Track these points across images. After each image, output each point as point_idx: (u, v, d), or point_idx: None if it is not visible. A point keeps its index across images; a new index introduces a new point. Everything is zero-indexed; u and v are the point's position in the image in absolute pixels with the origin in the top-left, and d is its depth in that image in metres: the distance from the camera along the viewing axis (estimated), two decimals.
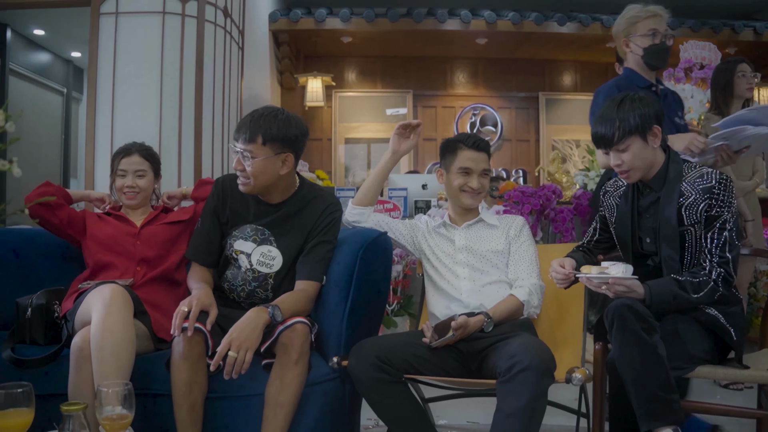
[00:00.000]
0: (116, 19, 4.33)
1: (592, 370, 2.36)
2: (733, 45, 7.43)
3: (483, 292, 2.56)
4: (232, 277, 2.50)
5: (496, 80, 8.52)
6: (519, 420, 1.96)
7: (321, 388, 2.28)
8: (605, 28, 7.23)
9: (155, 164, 2.92)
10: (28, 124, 7.15)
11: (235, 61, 5.15)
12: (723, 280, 2.18)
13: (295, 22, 7.05)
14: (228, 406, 2.23)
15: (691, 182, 2.26)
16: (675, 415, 1.99)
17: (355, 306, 2.35)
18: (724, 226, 2.21)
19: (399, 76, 8.38)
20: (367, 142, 8.31)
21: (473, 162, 2.63)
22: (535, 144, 8.49)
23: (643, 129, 2.25)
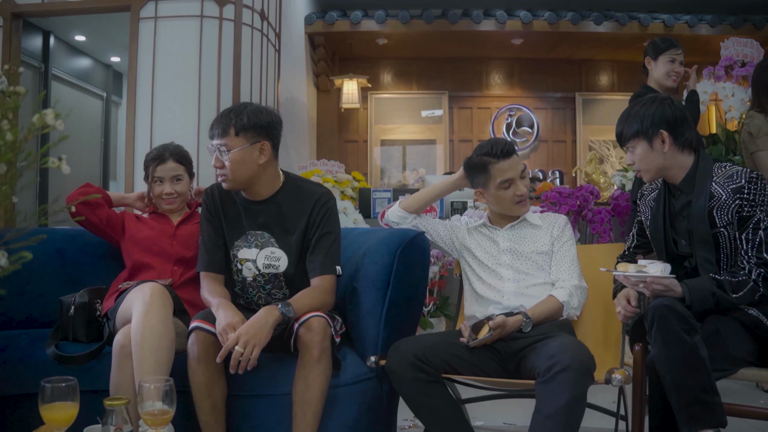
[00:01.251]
0: (155, 23, 4.41)
1: (631, 372, 2.33)
2: None
3: (526, 293, 2.53)
4: (242, 290, 2.50)
5: (532, 81, 8.47)
6: (558, 421, 1.94)
7: (358, 388, 2.29)
8: (642, 27, 7.17)
9: (189, 166, 2.89)
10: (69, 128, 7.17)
11: (272, 63, 5.20)
12: (763, 280, 2.14)
13: (330, 25, 7.10)
14: (261, 405, 2.26)
15: (720, 183, 2.24)
16: (717, 418, 1.94)
17: (392, 306, 2.35)
18: (758, 225, 2.17)
19: (434, 77, 8.38)
20: (402, 144, 8.32)
21: (511, 170, 2.55)
22: (571, 145, 8.42)
23: (646, 133, 2.29)
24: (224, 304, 2.25)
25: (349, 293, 2.48)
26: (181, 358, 2.22)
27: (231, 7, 4.50)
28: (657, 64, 3.59)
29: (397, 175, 8.20)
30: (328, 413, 2.21)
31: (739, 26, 7.16)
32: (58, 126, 1.14)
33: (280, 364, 2.26)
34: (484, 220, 2.74)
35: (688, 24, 7.16)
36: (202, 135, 4.32)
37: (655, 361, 2.07)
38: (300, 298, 2.28)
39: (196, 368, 2.16)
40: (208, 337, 2.18)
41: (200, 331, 2.19)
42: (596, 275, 2.74)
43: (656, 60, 3.59)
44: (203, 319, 2.22)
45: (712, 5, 7.67)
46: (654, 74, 3.61)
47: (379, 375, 2.32)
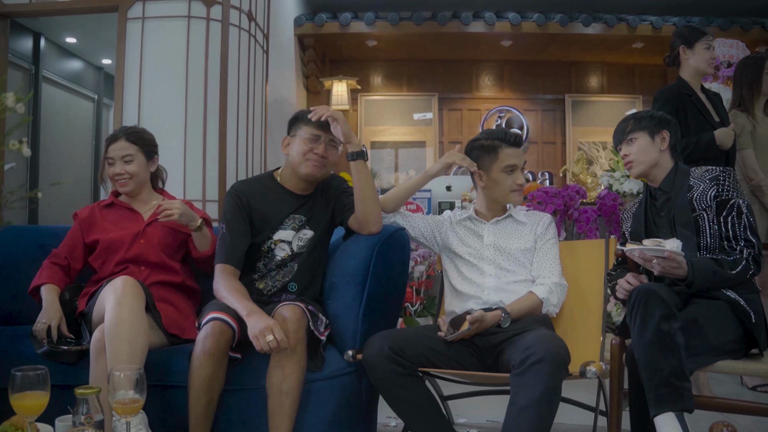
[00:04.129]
0: (142, 24, 4.41)
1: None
2: (763, 43, 7.32)
3: (507, 289, 2.55)
4: (261, 277, 2.55)
5: (522, 82, 8.49)
6: (533, 412, 1.96)
7: (337, 382, 2.31)
8: (631, 29, 7.19)
9: (145, 146, 2.78)
10: (61, 131, 7.28)
11: (260, 64, 5.20)
12: (753, 260, 2.31)
13: (320, 26, 7.11)
14: (243, 399, 2.26)
15: (697, 176, 2.45)
16: (684, 402, 1.99)
17: (371, 300, 2.37)
18: (741, 211, 2.34)
19: (425, 79, 8.39)
20: (393, 146, 8.33)
21: (516, 158, 2.62)
22: (561, 146, 8.44)
23: (652, 129, 2.55)
24: (256, 309, 2.26)
25: (328, 288, 2.50)
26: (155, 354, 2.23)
27: (218, 7, 4.50)
28: (694, 52, 3.49)
29: (388, 178, 8.20)
30: (306, 407, 2.23)
31: (727, 28, 7.20)
32: (18, 109, 1.14)
33: (260, 357, 2.27)
34: (470, 212, 2.75)
35: (677, 26, 7.16)
36: (188, 135, 4.33)
37: (632, 344, 2.13)
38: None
39: (204, 361, 2.16)
40: (225, 332, 2.20)
41: (219, 323, 2.20)
42: (579, 271, 2.77)
43: (692, 48, 3.49)
44: (222, 311, 2.24)
45: (700, 7, 7.71)
46: (692, 62, 3.50)
47: (358, 370, 2.33)
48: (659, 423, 1.98)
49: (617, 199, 4.49)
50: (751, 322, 2.24)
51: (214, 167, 4.40)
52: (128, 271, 2.57)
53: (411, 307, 4.33)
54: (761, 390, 3.75)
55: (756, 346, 2.28)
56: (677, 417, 1.96)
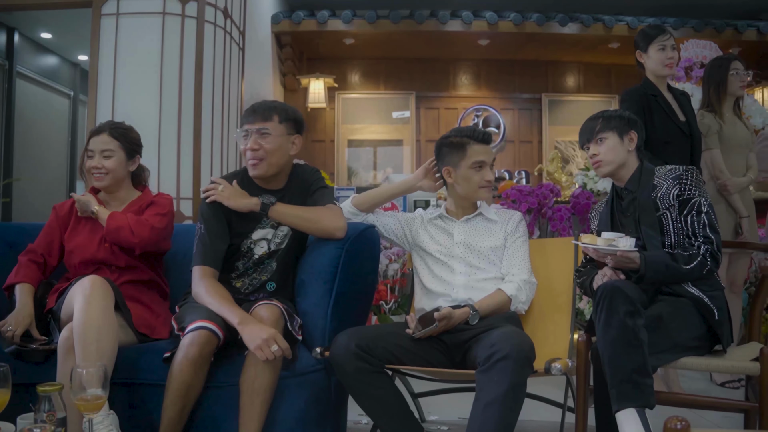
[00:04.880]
0: (117, 20, 4.39)
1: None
2: (736, 45, 7.42)
3: (477, 287, 2.57)
4: (244, 267, 2.53)
5: (499, 81, 8.52)
6: (498, 409, 1.97)
7: (306, 379, 2.31)
8: (607, 29, 7.25)
9: (127, 143, 2.71)
10: (36, 127, 7.22)
11: (236, 62, 5.19)
12: (711, 256, 2.33)
13: (297, 24, 7.10)
14: (213, 396, 2.25)
15: (661, 176, 2.48)
16: (645, 398, 2.02)
17: (339, 298, 2.37)
18: (701, 209, 2.37)
19: (402, 77, 8.39)
20: (370, 144, 8.34)
21: (485, 155, 2.64)
22: (538, 145, 8.48)
23: (621, 129, 2.55)
24: (248, 317, 2.23)
25: (298, 285, 2.51)
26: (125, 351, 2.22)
27: (194, 4, 4.48)
28: (649, 55, 3.46)
29: (365, 176, 8.21)
30: (275, 404, 2.23)
31: (700, 29, 7.28)
32: None
33: (228, 356, 2.27)
34: (441, 211, 2.77)
35: None
36: (162, 132, 4.31)
37: (597, 340, 2.16)
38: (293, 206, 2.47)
39: (185, 369, 2.13)
40: (212, 341, 2.17)
41: (206, 332, 2.16)
42: (549, 268, 2.80)
43: (647, 51, 3.47)
44: (209, 320, 2.20)
45: (675, 8, 7.79)
46: (648, 66, 3.49)
47: (327, 367, 2.33)
48: (620, 418, 2.01)
49: (591, 198, 4.53)
50: (715, 319, 2.27)
51: (188, 164, 4.39)
52: (100, 272, 2.54)
53: (385, 305, 4.34)
54: (729, 386, 3.81)
55: (719, 343, 2.32)
56: (638, 412, 1.99)
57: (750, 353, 2.27)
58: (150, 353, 2.30)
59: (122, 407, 2.17)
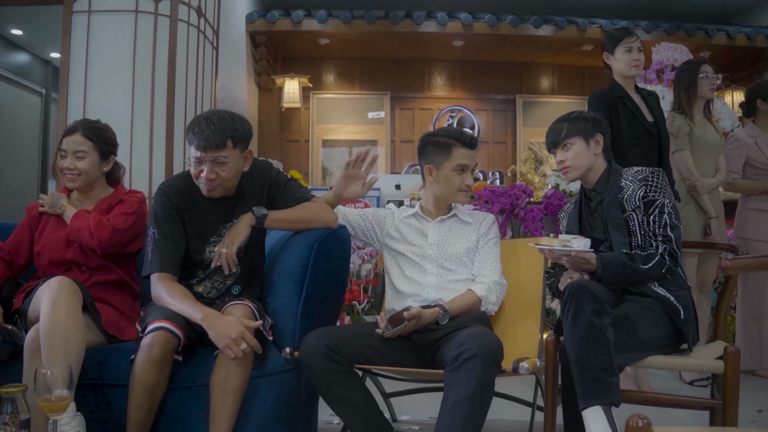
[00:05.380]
0: (89, 17, 4.33)
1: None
2: (706, 49, 7.50)
3: (447, 287, 2.59)
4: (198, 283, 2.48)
5: (474, 83, 8.56)
6: (465, 408, 1.98)
7: (276, 379, 2.30)
8: (581, 31, 7.31)
9: (101, 144, 2.64)
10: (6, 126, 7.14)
11: (209, 61, 5.15)
12: (669, 254, 2.36)
13: (272, 24, 7.07)
14: (181, 397, 2.24)
15: (628, 178, 2.49)
16: (612, 396, 2.04)
17: (309, 298, 2.37)
18: (663, 210, 2.40)
19: (377, 78, 8.40)
20: (344, 144, 8.33)
21: (469, 159, 2.65)
22: (512, 146, 8.54)
23: (587, 133, 2.56)
24: (212, 313, 2.19)
25: (268, 286, 2.50)
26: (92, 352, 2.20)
27: (167, 2, 4.44)
28: (615, 56, 3.51)
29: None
30: (245, 405, 2.22)
31: (672, 33, 7.36)
32: None
33: (198, 356, 2.27)
34: (416, 209, 2.77)
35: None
36: (135, 131, 4.27)
37: (564, 339, 2.18)
38: (282, 212, 2.43)
39: (148, 370, 2.11)
40: (171, 340, 2.15)
41: (165, 333, 2.14)
42: (519, 269, 2.82)
43: (613, 53, 3.51)
44: (168, 320, 2.16)
45: (647, 12, 7.88)
46: (615, 67, 3.53)
47: (297, 367, 2.33)
48: (587, 416, 2.03)
49: (563, 199, 4.57)
50: (680, 318, 2.30)
51: (161, 164, 4.34)
52: (70, 272, 2.51)
53: (359, 306, 4.34)
54: (698, 384, 3.86)
55: (686, 342, 2.35)
56: (604, 410, 2.01)
57: (715, 352, 2.30)
58: (118, 354, 2.29)
59: (90, 408, 2.15)
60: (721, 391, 2.20)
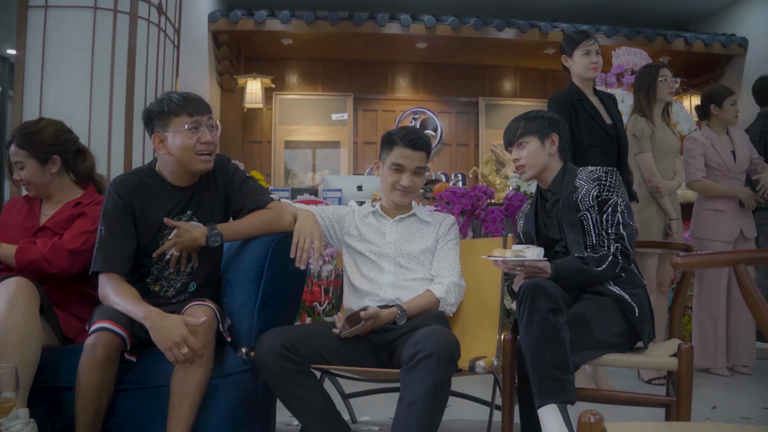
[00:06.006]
0: (45, 12, 4.26)
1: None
2: (665, 54, 7.64)
3: (405, 286, 2.58)
4: (155, 280, 2.44)
5: (437, 85, 8.60)
6: (421, 407, 1.97)
7: (233, 380, 2.28)
8: (543, 35, 7.39)
9: (35, 150, 2.54)
10: None
11: (170, 60, 5.10)
12: (621, 253, 2.38)
13: (234, 23, 7.03)
14: (134, 398, 2.21)
15: (583, 178, 2.52)
16: (567, 394, 2.06)
17: (266, 297, 2.34)
18: (615, 208, 2.42)
19: (340, 79, 8.40)
20: (307, 146, 8.31)
21: (406, 159, 2.60)
22: (474, 148, 8.59)
23: (542, 132, 2.59)
24: (155, 313, 2.14)
25: (225, 285, 2.47)
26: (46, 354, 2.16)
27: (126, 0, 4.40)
28: (574, 59, 3.53)
29: (302, 177, 8.18)
30: (201, 406, 2.19)
31: (632, 38, 7.47)
32: None
33: (152, 356, 2.22)
34: (376, 208, 2.77)
35: None
36: (93, 129, 4.20)
37: (519, 338, 2.19)
38: (242, 223, 2.39)
39: (93, 371, 2.06)
40: (114, 340, 2.10)
41: (107, 333, 2.09)
42: (478, 269, 2.82)
43: (572, 56, 3.53)
44: (110, 320, 2.12)
45: (608, 17, 7.99)
46: (574, 70, 3.55)
47: (254, 368, 2.30)
48: (542, 414, 2.04)
49: (524, 200, 4.59)
50: (635, 317, 2.32)
51: (119, 163, 4.29)
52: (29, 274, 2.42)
53: (320, 307, 4.32)
54: (656, 383, 3.92)
55: (642, 340, 2.38)
56: (560, 408, 2.03)
57: (670, 349, 2.32)
58: (72, 356, 2.22)
59: (44, 411, 2.11)
60: (676, 387, 2.23)
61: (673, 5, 8.08)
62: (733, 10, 7.99)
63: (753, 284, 1.55)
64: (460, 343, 2.19)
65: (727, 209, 4.20)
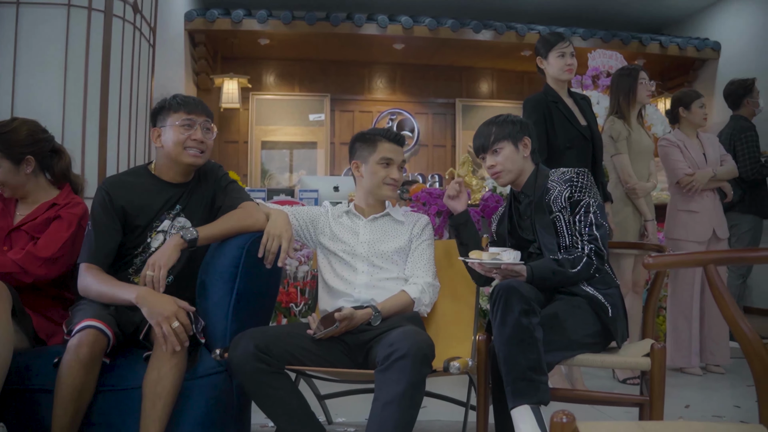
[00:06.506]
0: (17, 9, 4.21)
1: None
2: (641, 57, 7.72)
3: (379, 286, 2.58)
4: (142, 263, 2.43)
5: (414, 86, 8.62)
6: (396, 408, 1.97)
7: (207, 381, 2.26)
8: (520, 37, 7.42)
9: (8, 150, 2.50)
10: None
11: (146, 58, 5.05)
12: (595, 254, 2.40)
13: (211, 22, 7.00)
14: (106, 400, 2.17)
15: (555, 180, 2.53)
16: (540, 395, 2.07)
17: (240, 298, 2.32)
18: (588, 209, 2.44)
19: (317, 79, 8.39)
20: (284, 146, 8.29)
21: (394, 153, 2.68)
22: (451, 150, 8.62)
23: (515, 137, 2.59)
24: (146, 290, 2.17)
25: (199, 286, 2.45)
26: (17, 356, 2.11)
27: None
28: (549, 61, 3.53)
29: (279, 178, 8.15)
30: (175, 408, 2.16)
31: (608, 40, 7.54)
32: None
33: (126, 358, 2.21)
34: (349, 207, 2.77)
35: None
36: (66, 128, 4.15)
37: (493, 339, 2.19)
38: (215, 224, 2.41)
39: (76, 372, 2.03)
40: (100, 340, 2.07)
41: (94, 332, 2.06)
42: (452, 270, 2.83)
43: (547, 58, 3.53)
44: (96, 317, 2.10)
45: (584, 20, 8.06)
46: (548, 71, 3.55)
47: (228, 369, 2.28)
48: (515, 415, 2.05)
49: (500, 201, 4.60)
50: (608, 317, 2.34)
51: (93, 163, 4.24)
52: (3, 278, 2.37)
53: (295, 308, 4.31)
54: (630, 382, 3.94)
55: (614, 339, 2.39)
56: (533, 409, 2.04)
57: (643, 349, 2.35)
58: (43, 358, 2.20)
59: (14, 414, 2.08)
60: (649, 387, 2.25)
61: (648, 9, 8.18)
62: (706, 15, 8.09)
63: (723, 284, 1.56)
64: (435, 344, 2.19)
65: (700, 210, 4.25)
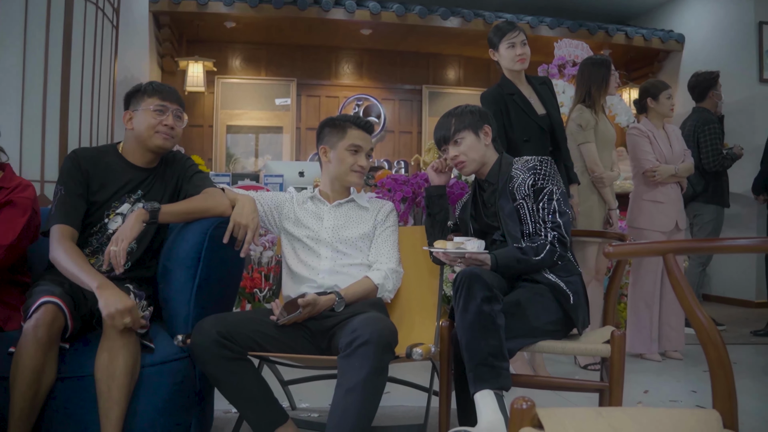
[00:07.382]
0: None
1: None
2: (606, 47, 7.79)
3: (342, 272, 2.59)
4: (92, 253, 2.42)
5: (381, 72, 8.60)
6: (359, 394, 1.98)
7: (168, 368, 2.23)
8: (487, 24, 7.43)
9: None
10: None
11: (109, 40, 4.98)
12: (558, 241, 2.43)
13: (176, 4, 6.90)
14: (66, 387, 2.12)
15: (519, 168, 2.56)
16: (502, 381, 2.09)
17: (203, 284, 2.30)
18: (551, 197, 2.47)
19: (284, 64, 8.33)
20: (250, 131, 8.23)
21: (363, 141, 2.68)
22: (417, 136, 8.63)
23: (475, 126, 2.61)
24: (108, 283, 2.14)
25: (161, 272, 2.43)
26: None
27: None
28: (500, 53, 3.49)
29: (244, 162, 8.10)
30: (136, 394, 2.13)
31: (575, 30, 7.60)
32: None
33: (87, 345, 2.17)
34: (314, 193, 2.77)
35: (530, 24, 7.51)
36: (26, 111, 4.08)
37: (455, 325, 2.21)
38: (177, 203, 2.43)
39: (33, 353, 1.97)
40: (59, 319, 2.04)
41: (53, 308, 2.03)
42: (416, 256, 2.83)
43: (498, 50, 3.50)
44: (54, 294, 2.06)
45: (552, 9, 8.10)
46: (502, 63, 3.52)
47: (190, 355, 2.26)
48: (478, 400, 2.07)
49: (465, 188, 4.61)
50: (570, 303, 2.38)
51: (54, 146, 4.17)
52: None
53: (260, 293, 4.30)
54: (592, 368, 4.00)
55: (575, 327, 2.43)
56: (495, 394, 2.06)
57: (603, 336, 2.38)
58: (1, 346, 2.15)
59: None
60: (609, 373, 2.28)
61: (615, 0, 8.24)
62: (672, 7, 8.19)
63: (681, 274, 1.59)
64: (398, 330, 2.19)
65: (665, 201, 4.30)
